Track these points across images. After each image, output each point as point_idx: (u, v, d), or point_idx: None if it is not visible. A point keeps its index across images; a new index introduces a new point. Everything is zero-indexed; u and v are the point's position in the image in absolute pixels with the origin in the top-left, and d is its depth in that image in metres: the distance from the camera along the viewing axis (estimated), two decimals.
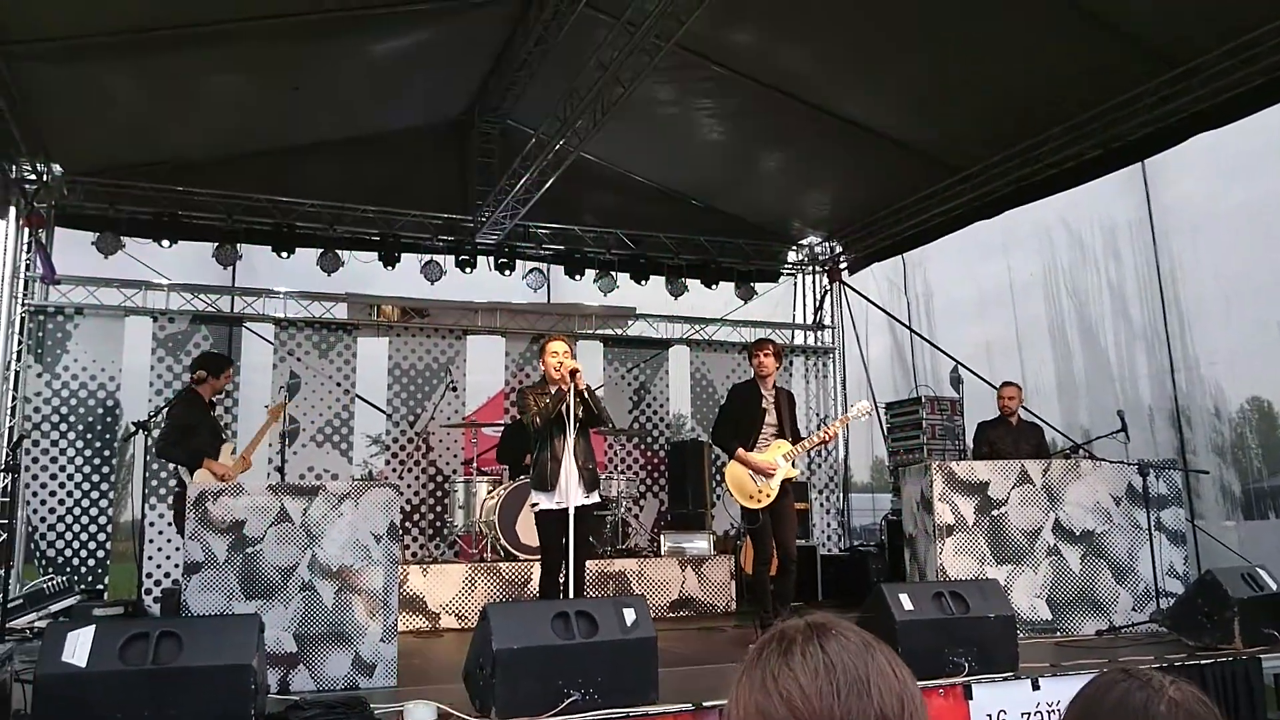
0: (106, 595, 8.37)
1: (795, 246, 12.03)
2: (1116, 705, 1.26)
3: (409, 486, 9.82)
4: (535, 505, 5.73)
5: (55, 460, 8.78)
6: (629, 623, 4.04)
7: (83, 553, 8.70)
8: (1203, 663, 4.84)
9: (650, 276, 11.06)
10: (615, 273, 10.91)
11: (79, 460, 8.85)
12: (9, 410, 8.54)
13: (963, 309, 10.30)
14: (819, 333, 12.09)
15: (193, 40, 7.12)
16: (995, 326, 9.71)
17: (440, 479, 10.00)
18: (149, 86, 7.80)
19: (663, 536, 9.24)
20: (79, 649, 3.43)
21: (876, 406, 10.01)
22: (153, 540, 8.80)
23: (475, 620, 4.21)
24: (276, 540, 4.91)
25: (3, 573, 6.05)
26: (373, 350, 10.17)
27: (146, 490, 8.60)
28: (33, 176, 8.64)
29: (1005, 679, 4.52)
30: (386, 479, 9.44)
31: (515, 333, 10.72)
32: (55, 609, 7.15)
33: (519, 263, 10.70)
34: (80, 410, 8.93)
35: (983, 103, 8.06)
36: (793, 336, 11.92)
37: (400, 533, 7.62)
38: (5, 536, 7.85)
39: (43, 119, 7.83)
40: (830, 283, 12.00)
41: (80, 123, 8.19)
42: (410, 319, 10.37)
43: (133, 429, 6.57)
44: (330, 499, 5.03)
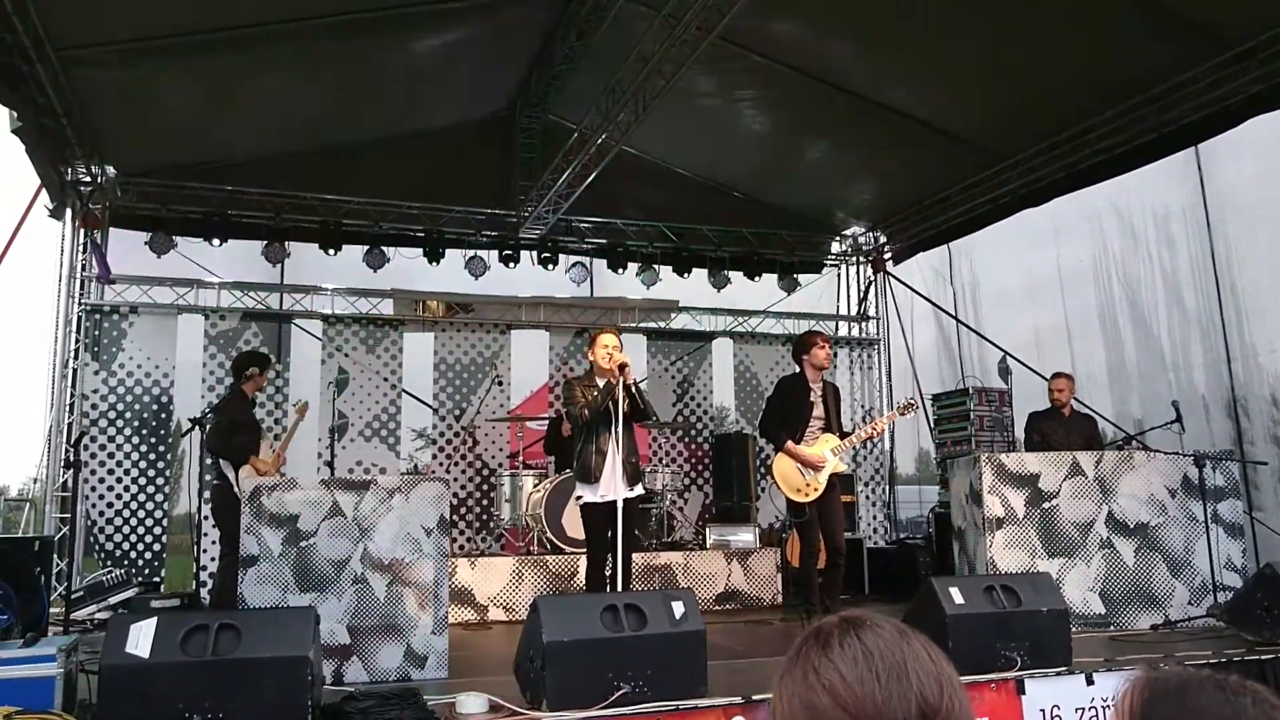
0: (163, 587, 8.56)
1: (839, 237, 11.94)
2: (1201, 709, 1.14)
3: (455, 480, 9.93)
4: (580, 498, 5.77)
5: (112, 455, 9.02)
6: (678, 615, 4.05)
7: (140, 546, 8.93)
8: (1263, 658, 4.76)
9: (693, 269, 11.03)
10: (658, 266, 10.88)
11: (135, 455, 9.08)
12: (68, 407, 8.77)
13: (1011, 298, 10.12)
14: (863, 324, 11.99)
15: (240, 42, 7.24)
16: (1044, 316, 9.54)
17: (486, 472, 10.10)
18: (199, 88, 7.94)
19: (708, 529, 9.20)
20: (142, 641, 3.52)
21: (922, 398, 9.91)
22: (207, 534, 8.93)
23: (523, 613, 4.25)
24: (329, 534, 4.99)
25: (66, 566, 6.20)
26: (419, 345, 10.29)
27: (201, 485, 8.77)
28: (88, 179, 8.85)
29: (1058, 674, 4.45)
30: (433, 473, 9.55)
31: (559, 327, 10.78)
32: (114, 601, 7.34)
33: (562, 257, 10.76)
34: (135, 406, 9.15)
35: (1029, 89, 7.91)
36: (836, 328, 11.80)
37: (449, 526, 7.69)
38: (67, 531, 8.07)
39: (97, 122, 8.01)
40: (874, 273, 11.89)
41: (133, 125, 8.37)
42: (455, 314, 10.47)
43: (189, 425, 6.69)
44: (380, 493, 5.10)
